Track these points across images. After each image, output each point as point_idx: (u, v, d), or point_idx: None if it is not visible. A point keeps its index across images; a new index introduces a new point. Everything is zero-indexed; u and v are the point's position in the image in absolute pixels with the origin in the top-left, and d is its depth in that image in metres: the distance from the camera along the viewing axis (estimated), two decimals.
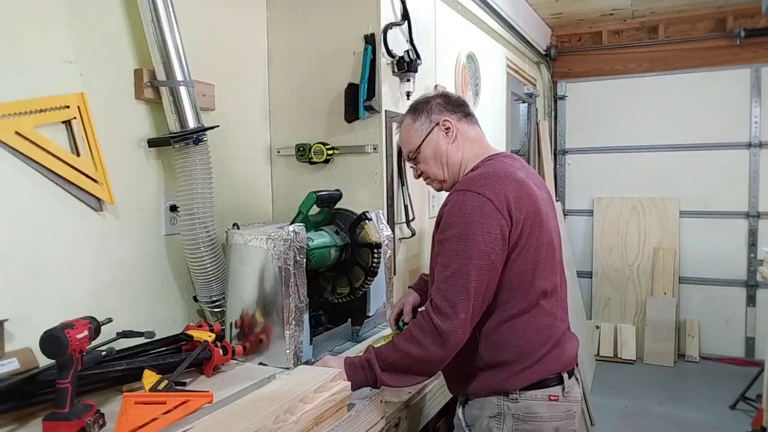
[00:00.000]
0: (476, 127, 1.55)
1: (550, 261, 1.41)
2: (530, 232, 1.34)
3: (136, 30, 1.69)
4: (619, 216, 4.97)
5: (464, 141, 1.49)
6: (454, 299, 1.27)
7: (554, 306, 1.42)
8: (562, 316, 1.47)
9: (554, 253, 1.43)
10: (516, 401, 1.37)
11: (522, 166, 1.47)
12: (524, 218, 1.33)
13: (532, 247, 1.35)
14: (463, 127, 1.50)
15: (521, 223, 1.32)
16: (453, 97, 1.55)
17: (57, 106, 1.48)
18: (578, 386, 1.47)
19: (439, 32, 2.60)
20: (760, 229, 4.57)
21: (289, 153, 2.24)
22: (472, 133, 1.52)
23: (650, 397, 3.96)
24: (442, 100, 1.52)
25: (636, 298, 4.86)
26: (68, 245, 1.53)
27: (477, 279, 1.27)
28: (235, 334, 1.62)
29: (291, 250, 1.53)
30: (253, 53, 2.23)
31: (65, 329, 1.15)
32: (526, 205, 1.34)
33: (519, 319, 1.37)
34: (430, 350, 1.29)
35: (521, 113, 4.70)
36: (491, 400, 1.40)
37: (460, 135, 1.49)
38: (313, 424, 1.21)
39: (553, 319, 1.41)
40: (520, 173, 1.40)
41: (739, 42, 4.56)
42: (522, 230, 1.33)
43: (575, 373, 1.48)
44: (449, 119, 1.49)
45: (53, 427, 1.15)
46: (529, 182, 1.39)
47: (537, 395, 1.38)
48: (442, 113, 1.50)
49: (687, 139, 4.75)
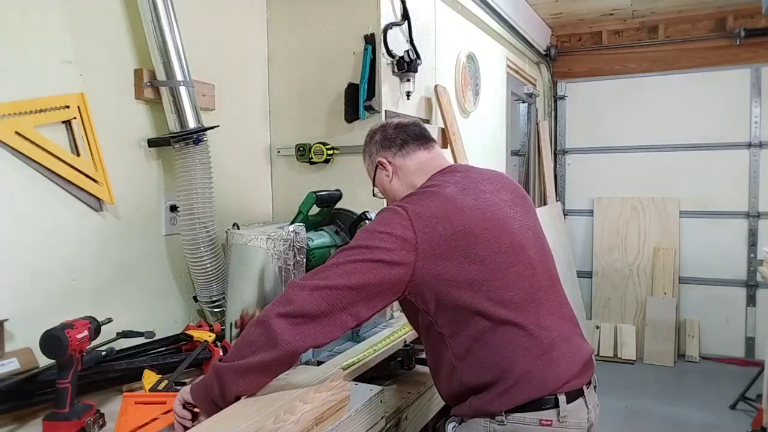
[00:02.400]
0: (419, 152, 1.46)
1: (514, 266, 1.29)
2: (466, 245, 1.25)
3: (136, 30, 1.69)
4: (619, 216, 4.97)
5: (404, 174, 1.47)
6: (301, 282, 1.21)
7: (531, 314, 1.29)
8: (548, 323, 1.30)
9: (522, 257, 1.32)
10: (503, 424, 1.25)
11: (461, 179, 1.39)
12: (453, 231, 1.25)
13: (475, 259, 1.25)
14: (400, 162, 1.47)
15: (448, 237, 1.24)
16: (389, 131, 1.49)
17: (57, 106, 1.48)
18: (585, 411, 1.29)
19: (439, 32, 2.60)
20: (760, 229, 4.57)
21: (289, 153, 2.24)
22: (413, 162, 1.46)
23: (650, 397, 3.95)
24: (380, 136, 1.50)
25: (636, 298, 4.86)
26: (68, 245, 1.53)
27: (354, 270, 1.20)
28: (235, 334, 1.62)
29: (291, 250, 1.53)
30: (253, 53, 2.24)
31: (65, 329, 1.15)
32: (454, 218, 1.26)
33: (489, 336, 1.26)
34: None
35: (521, 113, 4.70)
36: (478, 422, 1.29)
37: (397, 170, 1.47)
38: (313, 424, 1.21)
39: (531, 329, 1.27)
40: (450, 189, 1.33)
41: (739, 42, 4.56)
42: (452, 245, 1.24)
43: (585, 395, 1.31)
44: (383, 159, 1.48)
45: (53, 427, 1.15)
46: (461, 197, 1.32)
47: (526, 418, 1.25)
48: (379, 153, 1.49)
49: (687, 139, 4.75)
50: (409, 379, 1.81)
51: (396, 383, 1.77)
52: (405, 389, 1.72)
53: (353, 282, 1.20)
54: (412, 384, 1.76)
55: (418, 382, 1.77)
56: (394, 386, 1.74)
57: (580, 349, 1.35)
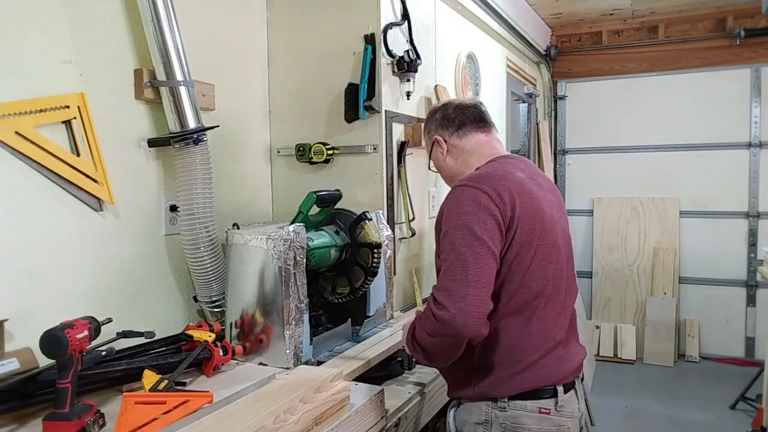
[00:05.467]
0: (476, 134, 1.54)
1: (551, 264, 1.37)
2: (528, 230, 1.33)
3: (136, 30, 1.69)
4: (619, 216, 4.97)
5: (459, 153, 1.55)
6: (451, 288, 1.24)
7: (551, 311, 1.37)
8: (562, 323, 1.40)
9: (557, 257, 1.39)
10: (504, 410, 1.34)
11: (526, 168, 1.47)
12: (520, 215, 1.32)
13: (531, 245, 1.33)
14: (456, 141, 1.55)
15: (516, 219, 1.31)
16: (449, 111, 1.57)
17: (57, 106, 1.48)
18: (577, 402, 1.41)
19: (439, 32, 2.60)
20: (760, 229, 4.57)
21: (289, 153, 2.24)
22: (469, 143, 1.54)
23: (650, 397, 3.95)
24: (440, 114, 1.59)
25: (636, 298, 4.86)
26: (68, 245, 1.53)
27: (475, 266, 1.25)
28: (235, 334, 1.62)
29: (291, 250, 1.54)
30: (253, 53, 2.24)
31: (65, 329, 1.15)
32: (523, 202, 1.33)
33: (510, 320, 1.34)
34: (435, 339, 1.30)
35: (521, 113, 4.70)
36: (479, 406, 1.37)
37: (453, 149, 1.55)
38: (313, 424, 1.21)
39: (548, 324, 1.36)
40: (520, 174, 1.40)
41: (739, 42, 4.56)
42: (518, 226, 1.31)
43: (576, 387, 1.42)
44: (440, 137, 1.57)
45: (53, 427, 1.15)
46: (528, 183, 1.39)
47: (526, 406, 1.34)
48: (437, 130, 1.58)
49: (687, 139, 4.74)
50: (409, 379, 1.81)
51: (396, 383, 1.77)
52: (405, 389, 1.72)
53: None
54: (412, 384, 1.76)
55: (418, 382, 1.77)
56: (394, 386, 1.74)
57: (578, 352, 1.47)
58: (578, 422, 1.41)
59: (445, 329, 1.24)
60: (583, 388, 1.48)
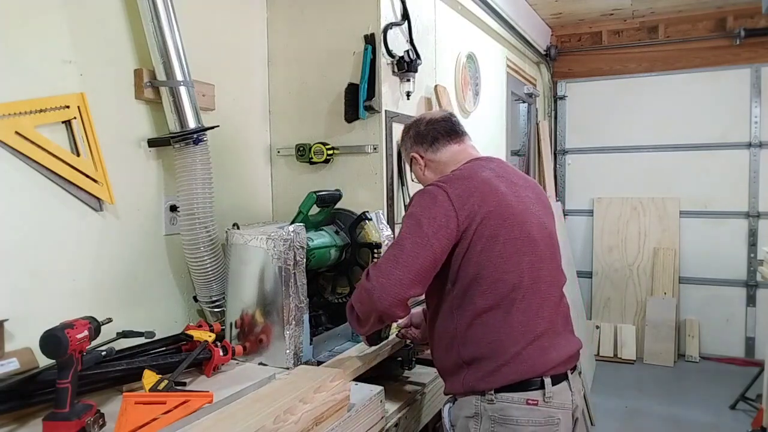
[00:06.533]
0: (450, 146, 1.59)
1: (526, 256, 1.40)
2: (494, 224, 1.38)
3: (136, 30, 1.69)
4: (619, 216, 4.97)
5: (437, 165, 1.60)
6: (382, 266, 1.37)
7: (531, 303, 1.39)
8: (545, 314, 1.41)
9: (532, 248, 1.42)
10: (492, 402, 1.36)
11: (497, 167, 1.53)
12: (483, 211, 1.38)
13: (497, 239, 1.38)
14: (432, 156, 1.60)
15: (480, 215, 1.37)
16: (421, 128, 1.62)
17: (57, 106, 1.48)
18: (569, 393, 1.40)
19: (439, 32, 2.60)
20: (760, 229, 4.57)
21: (289, 153, 2.24)
22: (444, 155, 1.59)
23: (650, 397, 3.96)
24: (413, 132, 1.64)
25: (636, 298, 4.86)
26: (68, 245, 1.53)
27: (410, 253, 1.34)
28: (235, 334, 1.62)
29: (291, 250, 1.54)
30: (253, 53, 2.24)
31: (65, 329, 1.15)
32: (486, 199, 1.39)
33: (490, 314, 1.38)
34: (357, 305, 1.44)
35: (521, 113, 4.70)
36: (470, 400, 1.40)
37: (431, 163, 1.61)
38: (313, 424, 1.21)
39: (528, 316, 1.38)
40: (488, 172, 1.47)
41: (739, 42, 4.56)
42: (482, 221, 1.37)
43: (569, 379, 1.42)
44: (416, 154, 1.63)
45: (53, 427, 1.15)
46: (495, 180, 1.45)
47: (513, 398, 1.35)
48: (413, 147, 1.63)
49: (687, 139, 4.75)
50: (409, 379, 1.81)
51: (396, 383, 1.77)
52: (405, 389, 1.72)
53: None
54: (412, 384, 1.77)
55: (418, 382, 1.77)
56: (394, 386, 1.74)
57: (569, 343, 1.47)
58: (571, 414, 1.41)
59: (364, 298, 1.39)
60: (581, 380, 1.49)
